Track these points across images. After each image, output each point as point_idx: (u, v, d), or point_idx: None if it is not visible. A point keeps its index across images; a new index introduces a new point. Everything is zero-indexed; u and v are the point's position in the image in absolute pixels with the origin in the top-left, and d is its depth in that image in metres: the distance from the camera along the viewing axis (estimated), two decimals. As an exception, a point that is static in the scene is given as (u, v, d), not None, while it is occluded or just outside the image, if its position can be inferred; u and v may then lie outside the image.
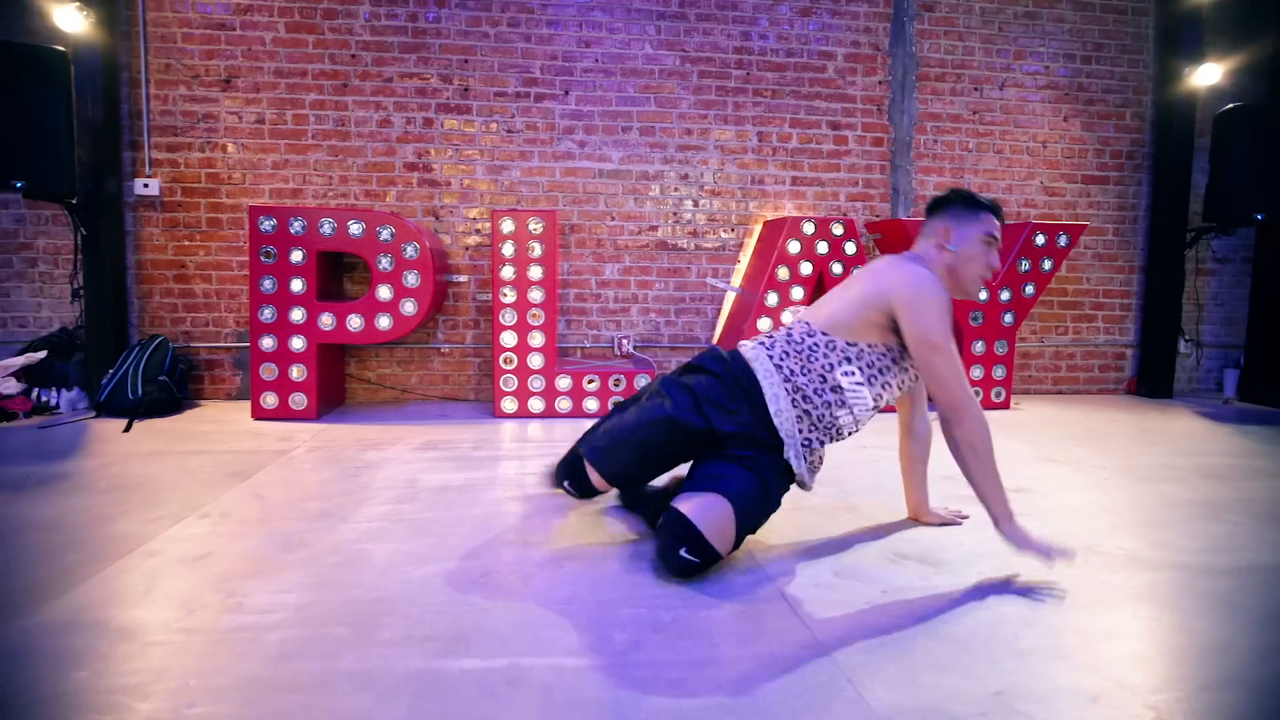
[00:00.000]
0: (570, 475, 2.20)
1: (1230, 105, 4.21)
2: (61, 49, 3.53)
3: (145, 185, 4.02)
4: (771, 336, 1.96)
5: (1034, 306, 4.28)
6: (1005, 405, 4.19)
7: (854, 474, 2.77)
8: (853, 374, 1.86)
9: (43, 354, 3.88)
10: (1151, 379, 4.73)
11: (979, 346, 4.11)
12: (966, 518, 2.21)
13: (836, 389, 1.86)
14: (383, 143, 4.16)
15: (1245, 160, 4.11)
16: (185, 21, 4.01)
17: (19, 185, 3.43)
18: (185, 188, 4.07)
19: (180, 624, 1.48)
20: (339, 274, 4.12)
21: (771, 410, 1.83)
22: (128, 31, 3.98)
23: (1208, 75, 4.49)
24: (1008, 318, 4.13)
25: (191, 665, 1.32)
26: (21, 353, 3.90)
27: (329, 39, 4.09)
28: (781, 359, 1.88)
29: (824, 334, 1.88)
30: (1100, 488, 2.62)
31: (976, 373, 4.12)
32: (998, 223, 1.93)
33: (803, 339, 1.89)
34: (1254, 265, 4.70)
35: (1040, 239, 4.12)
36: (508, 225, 3.75)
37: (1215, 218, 4.29)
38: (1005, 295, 4.11)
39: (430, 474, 2.72)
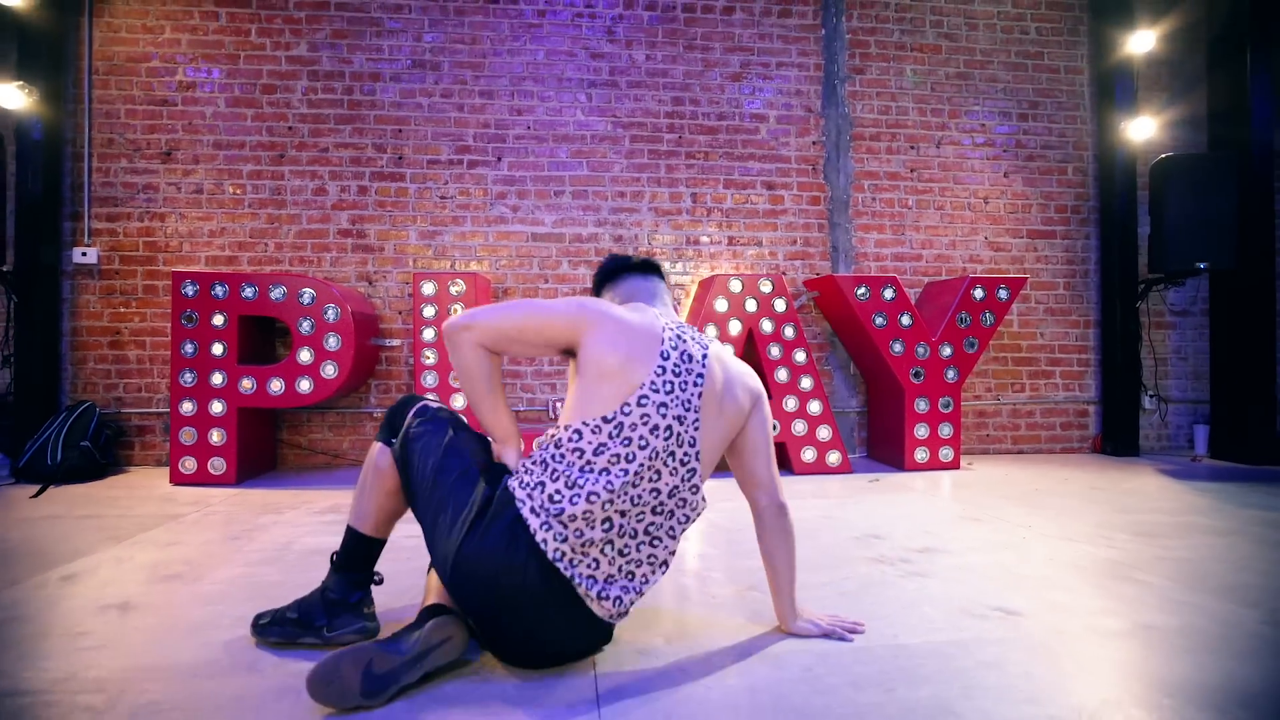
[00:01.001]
0: None
1: (1164, 155, 4.19)
2: (-5, 127, 3.65)
3: (84, 254, 4.08)
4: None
5: (978, 362, 4.17)
6: (954, 465, 4.02)
7: (747, 537, 2.63)
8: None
9: (-31, 422, 3.86)
10: (1116, 436, 4.55)
11: (922, 404, 3.98)
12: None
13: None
14: (317, 210, 4.21)
15: (1183, 209, 4.05)
16: (129, 98, 4.14)
17: (-57, 255, 3.48)
18: (123, 256, 4.13)
19: (-92, 691, 1.37)
20: (270, 338, 4.11)
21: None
22: (74, 109, 4.12)
23: (1144, 128, 4.49)
24: (950, 374, 4.01)
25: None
26: (-50, 422, 3.88)
27: (267, 112, 4.20)
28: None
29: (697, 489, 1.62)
30: (1012, 547, 2.45)
31: (921, 431, 3.98)
32: None
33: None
34: (1210, 317, 4.57)
35: (979, 292, 4.03)
36: (429, 287, 3.74)
37: (1159, 268, 4.20)
38: (947, 351, 4.00)
39: (312, 537, 2.61)
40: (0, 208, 3.69)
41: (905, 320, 3.97)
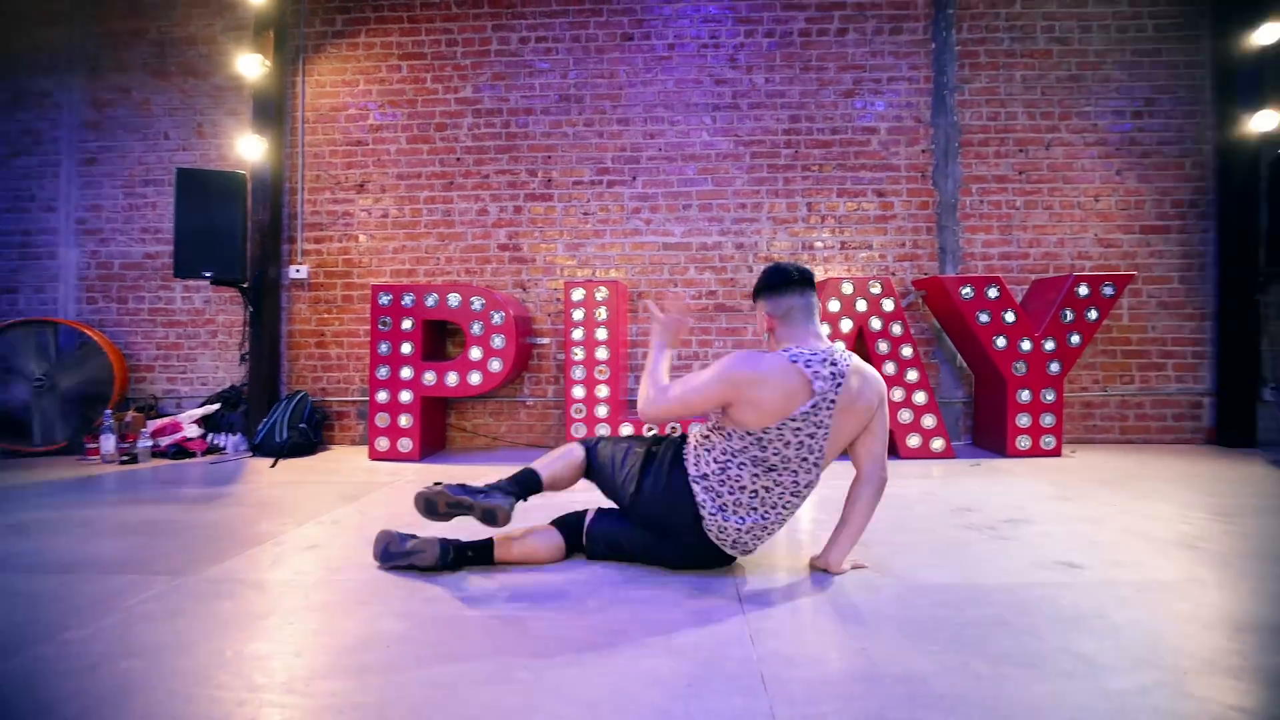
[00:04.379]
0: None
1: (1283, 152, 4.23)
2: (242, 173, 4.58)
3: (297, 270, 5.00)
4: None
5: (1083, 355, 4.37)
6: (1056, 453, 4.28)
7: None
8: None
9: (216, 406, 4.85)
10: (1231, 428, 4.62)
11: (1024, 395, 4.26)
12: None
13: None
14: (480, 228, 4.95)
15: (1301, 205, 4.10)
16: (331, 141, 5.02)
17: (208, 275, 4.44)
18: (326, 271, 5.02)
19: (291, 581, 2.09)
20: (443, 338, 4.89)
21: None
22: (290, 152, 5.03)
23: (1267, 121, 4.50)
24: (1053, 366, 4.26)
25: (294, 603, 1.91)
26: (202, 405, 4.89)
27: (439, 146, 4.97)
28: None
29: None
30: (1092, 521, 2.78)
31: (1023, 420, 4.26)
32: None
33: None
34: (1338, 309, 4.55)
35: (1083, 289, 4.25)
36: (577, 294, 4.38)
37: (1279, 263, 4.26)
38: (1049, 345, 4.26)
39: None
40: (243, 235, 4.62)
41: (1009, 317, 4.25)
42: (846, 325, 4.28)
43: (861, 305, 4.29)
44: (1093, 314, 4.27)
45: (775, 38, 4.87)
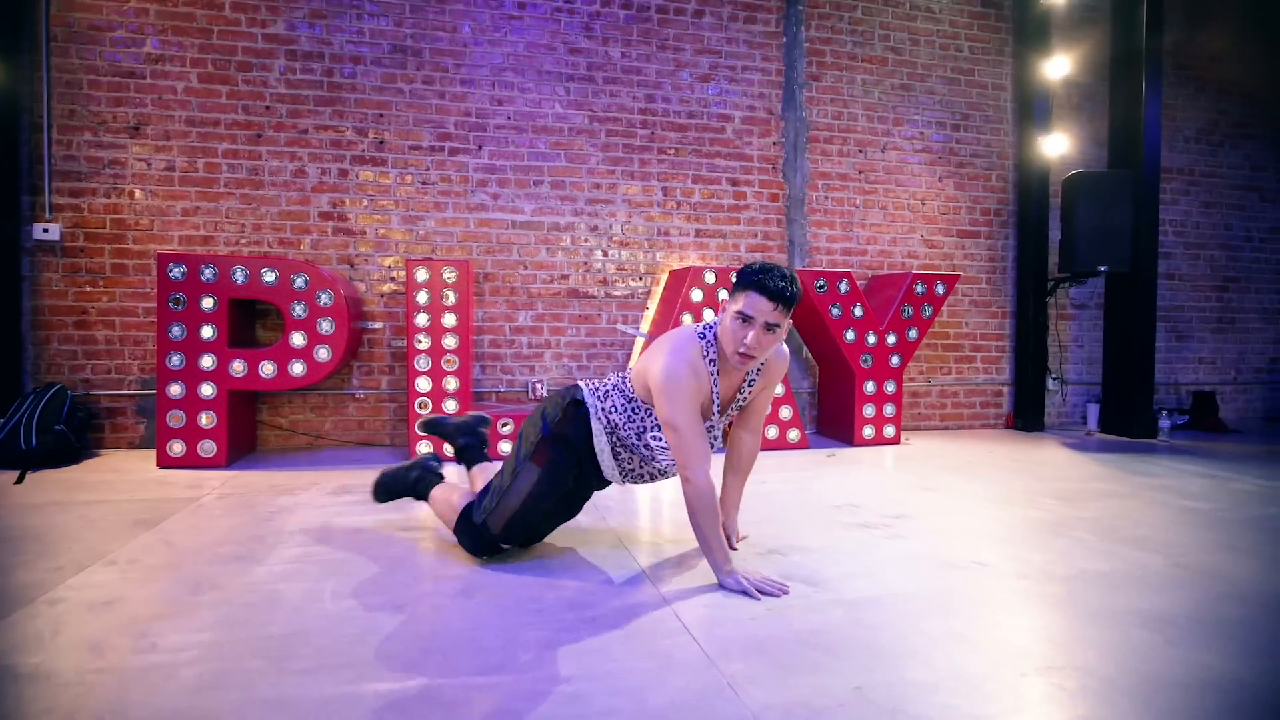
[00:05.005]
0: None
1: (1075, 171, 4.79)
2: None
3: (45, 230, 3.94)
4: (608, 386, 2.21)
5: (918, 349, 4.67)
6: (896, 440, 4.53)
7: (749, 507, 2.98)
8: (660, 439, 2.11)
9: (-77, 405, 3.71)
10: (1026, 414, 5.20)
11: (869, 387, 4.45)
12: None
13: (648, 447, 2.14)
14: (297, 192, 4.22)
15: (1088, 219, 4.66)
16: (92, 68, 4.00)
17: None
18: (88, 233, 4.01)
19: (91, 665, 1.52)
20: (250, 321, 4.12)
21: (599, 460, 2.19)
22: (29, 76, 3.94)
23: (1057, 144, 5.09)
24: (894, 359, 4.50)
25: (106, 703, 1.37)
26: (-101, 404, 3.71)
27: (243, 90, 4.15)
28: (609, 412, 2.15)
29: (641, 400, 2.13)
30: (965, 513, 2.91)
31: (868, 411, 4.46)
32: (760, 302, 1.90)
33: (630, 398, 2.14)
34: (1105, 311, 5.26)
35: (920, 287, 4.53)
36: (422, 274, 3.86)
37: (1066, 269, 4.82)
38: (891, 339, 4.48)
39: (344, 517, 2.77)
40: (-38, 181, 3.53)
41: (858, 311, 4.41)
42: (709, 316, 4.19)
43: (724, 295, 4.22)
44: (928, 310, 4.56)
45: (632, 10, 4.63)
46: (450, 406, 3.90)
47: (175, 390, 3.62)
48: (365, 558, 2.27)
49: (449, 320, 3.89)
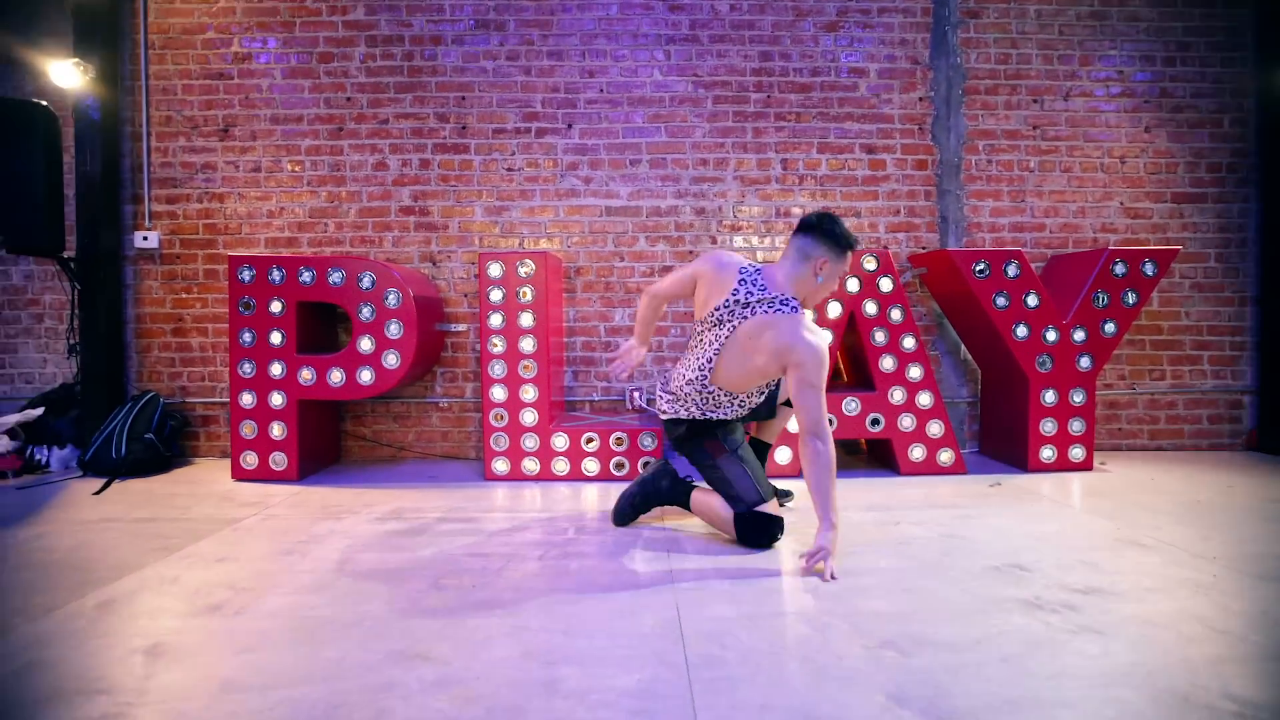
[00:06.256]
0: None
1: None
2: (45, 104, 3.50)
3: (145, 238, 3.94)
4: (687, 396, 2.49)
5: (1117, 347, 3.60)
6: (1087, 465, 3.51)
7: (867, 566, 2.23)
8: (733, 408, 2.49)
9: (39, 410, 3.79)
10: (1276, 431, 3.92)
11: (1049, 396, 3.47)
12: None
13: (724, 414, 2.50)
14: (378, 186, 3.95)
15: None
16: (186, 73, 3.95)
17: None
18: (184, 239, 3.97)
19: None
20: (332, 325, 3.90)
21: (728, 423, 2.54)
22: (130, 86, 3.95)
23: (1325, 70, 3.78)
24: (1084, 361, 3.49)
25: None
26: (23, 409, 3.82)
27: (324, 82, 3.95)
28: (708, 411, 2.49)
29: (726, 392, 2.44)
30: (1202, 590, 1.98)
31: (1048, 427, 3.47)
32: (853, 261, 2.37)
33: (712, 396, 2.45)
34: (1401, 293, 3.87)
35: (1120, 268, 3.48)
36: (495, 269, 3.43)
37: (1344, 236, 3.54)
38: (1079, 336, 3.47)
39: (370, 552, 2.36)
40: (60, 193, 3.55)
41: (1031, 301, 3.45)
42: (835, 310, 3.42)
43: (853, 285, 3.43)
44: (1130, 298, 3.49)
45: (744, -45, 3.96)
46: (529, 418, 3.44)
47: (247, 399, 3.44)
48: (347, 618, 1.80)
49: (526, 320, 3.43)
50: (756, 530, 2.36)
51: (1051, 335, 3.46)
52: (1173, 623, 1.74)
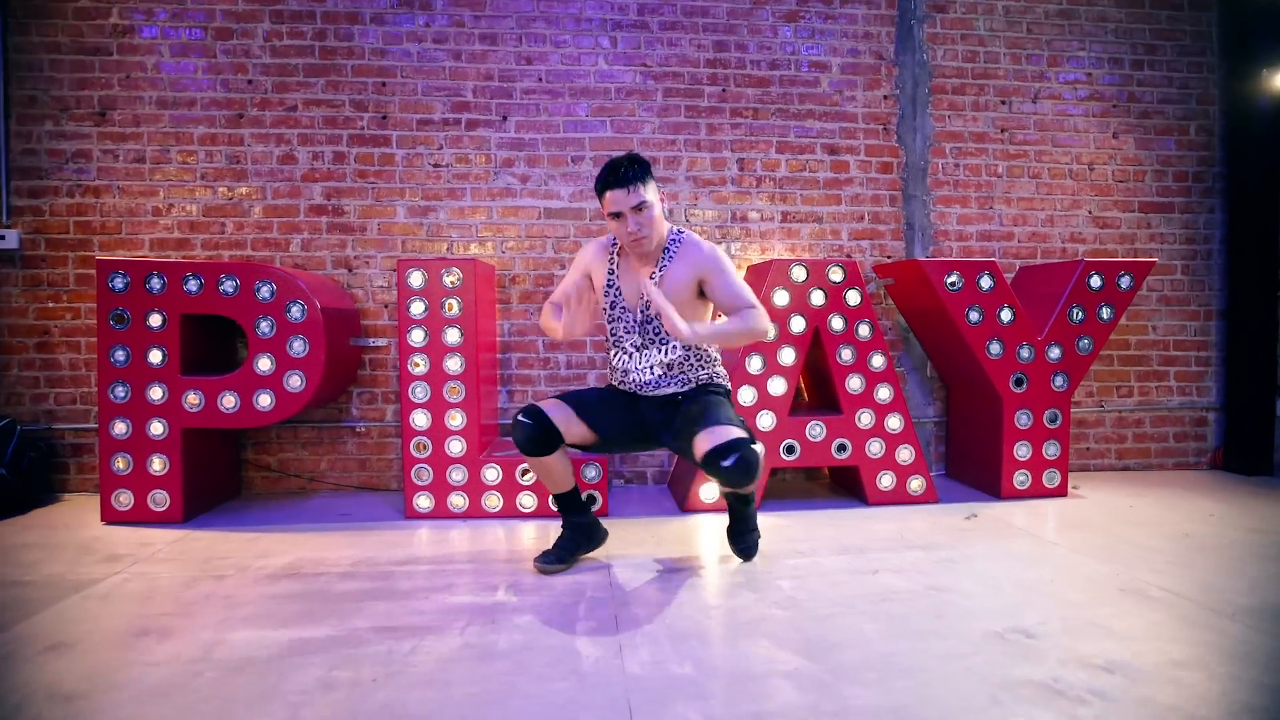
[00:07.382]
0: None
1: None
2: None
3: (1, 237, 3.36)
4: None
5: (1092, 364, 3.40)
6: (1061, 491, 3.28)
7: (848, 630, 1.91)
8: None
9: None
10: (1243, 450, 3.79)
11: (1023, 419, 3.23)
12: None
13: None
14: (285, 182, 3.47)
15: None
16: (53, 46, 3.39)
17: None
18: (50, 239, 3.41)
19: None
20: (230, 341, 3.41)
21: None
22: (-15, 59, 3.37)
23: (1291, 78, 3.66)
24: (1059, 380, 3.26)
25: None
26: None
27: (222, 62, 3.44)
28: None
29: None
30: (1235, 660, 1.71)
31: (1022, 451, 3.23)
32: (617, 195, 2.18)
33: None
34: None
35: (1095, 280, 3.27)
36: (416, 278, 3.00)
37: (1318, 249, 3.41)
38: (1055, 353, 3.25)
39: (249, 629, 1.91)
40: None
41: (1005, 315, 3.21)
42: (798, 324, 3.11)
43: (818, 298, 3.12)
44: (1105, 312, 3.29)
45: (697, -65, 3.62)
46: (455, 448, 3.02)
47: (120, 428, 2.93)
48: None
49: (452, 336, 3.01)
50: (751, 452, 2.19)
51: (1026, 353, 3.23)
52: (1215, 703, 1.45)
